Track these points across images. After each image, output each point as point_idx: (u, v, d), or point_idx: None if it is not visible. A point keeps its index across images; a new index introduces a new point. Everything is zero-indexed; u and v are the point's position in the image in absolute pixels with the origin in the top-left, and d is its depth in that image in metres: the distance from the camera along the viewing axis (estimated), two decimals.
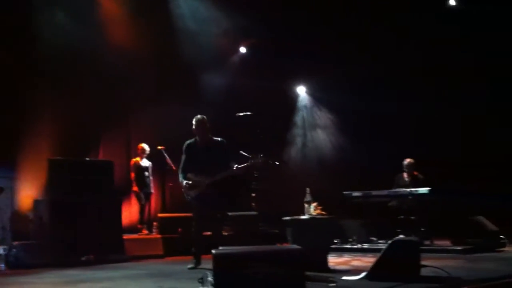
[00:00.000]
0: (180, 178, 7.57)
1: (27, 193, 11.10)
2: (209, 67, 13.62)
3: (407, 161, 10.85)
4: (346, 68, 12.62)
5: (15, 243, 8.97)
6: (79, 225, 9.11)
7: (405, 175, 10.89)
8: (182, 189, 7.52)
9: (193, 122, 7.47)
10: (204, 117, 7.52)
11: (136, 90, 12.82)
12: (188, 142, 7.59)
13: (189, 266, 7.42)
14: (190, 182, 7.40)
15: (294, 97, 15.11)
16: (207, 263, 5.09)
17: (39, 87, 11.16)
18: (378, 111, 12.31)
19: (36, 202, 9.99)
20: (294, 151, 14.67)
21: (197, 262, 7.42)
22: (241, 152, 8.41)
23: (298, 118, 14.95)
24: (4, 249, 8.60)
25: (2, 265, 8.34)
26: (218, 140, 7.53)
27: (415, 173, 10.83)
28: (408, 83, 12.36)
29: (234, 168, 7.38)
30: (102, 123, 12.75)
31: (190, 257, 7.69)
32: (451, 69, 12.02)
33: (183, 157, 7.59)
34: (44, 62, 11.12)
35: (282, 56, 13.35)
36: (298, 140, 14.51)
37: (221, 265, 4.67)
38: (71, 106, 11.46)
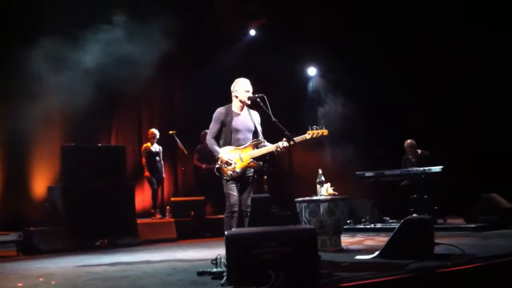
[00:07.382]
0: (218, 153, 6.18)
1: (41, 180, 11.20)
2: (220, 49, 13.58)
3: (407, 142, 10.88)
4: (357, 50, 12.46)
5: (30, 229, 9.06)
6: (93, 210, 9.19)
7: (410, 156, 10.88)
8: (218, 165, 6.18)
9: (235, 85, 6.34)
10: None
11: (147, 75, 12.81)
12: (220, 109, 6.33)
13: None
14: (230, 158, 6.14)
15: (305, 79, 15.00)
16: (220, 245, 5.07)
17: (49, 73, 11.16)
18: (389, 93, 12.18)
19: (49, 189, 10.07)
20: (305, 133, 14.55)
21: None
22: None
23: (309, 100, 14.84)
24: (19, 235, 8.67)
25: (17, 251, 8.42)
26: (255, 111, 6.46)
27: (419, 151, 10.81)
28: (420, 67, 12.11)
29: (295, 139, 6.22)
30: (114, 109, 12.79)
31: (203, 240, 7.53)
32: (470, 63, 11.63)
33: (214, 126, 6.28)
34: (54, 47, 11.12)
35: (293, 37, 13.25)
36: (309, 121, 14.41)
37: (234, 246, 4.66)
38: (82, 92, 11.46)
